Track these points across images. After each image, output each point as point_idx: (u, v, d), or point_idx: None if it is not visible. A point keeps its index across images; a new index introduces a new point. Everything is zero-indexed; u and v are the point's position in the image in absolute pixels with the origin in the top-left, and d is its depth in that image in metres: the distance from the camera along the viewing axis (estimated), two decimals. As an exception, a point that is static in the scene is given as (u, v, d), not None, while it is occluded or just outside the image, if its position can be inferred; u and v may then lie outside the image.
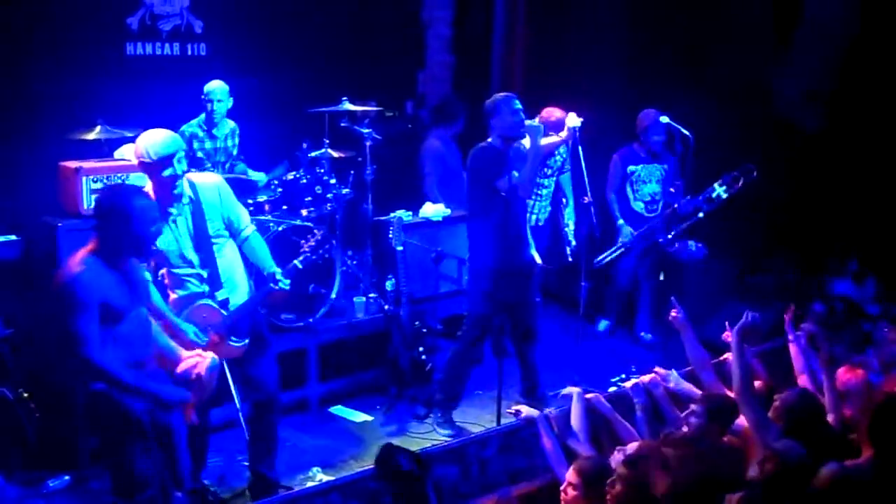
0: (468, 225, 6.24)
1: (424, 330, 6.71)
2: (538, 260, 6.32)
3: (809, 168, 8.12)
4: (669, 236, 7.45)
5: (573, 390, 5.12)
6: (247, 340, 5.12)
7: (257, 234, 5.26)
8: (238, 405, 5.64)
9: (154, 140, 4.82)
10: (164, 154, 4.77)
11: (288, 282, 5.12)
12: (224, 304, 5.03)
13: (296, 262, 5.21)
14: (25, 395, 5.42)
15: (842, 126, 8.07)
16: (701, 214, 7.13)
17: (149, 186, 4.88)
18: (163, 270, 5.04)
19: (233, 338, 5.05)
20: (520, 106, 5.96)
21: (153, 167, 4.80)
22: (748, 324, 5.00)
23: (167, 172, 4.79)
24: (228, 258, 5.11)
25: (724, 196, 7.00)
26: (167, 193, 4.85)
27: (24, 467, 5.42)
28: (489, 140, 6.02)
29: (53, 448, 5.59)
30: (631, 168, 7.78)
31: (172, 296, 5.02)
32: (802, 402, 4.77)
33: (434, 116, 8.61)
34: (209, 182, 5.10)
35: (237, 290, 5.10)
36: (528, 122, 5.92)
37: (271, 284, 5.05)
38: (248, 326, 5.14)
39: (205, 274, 5.01)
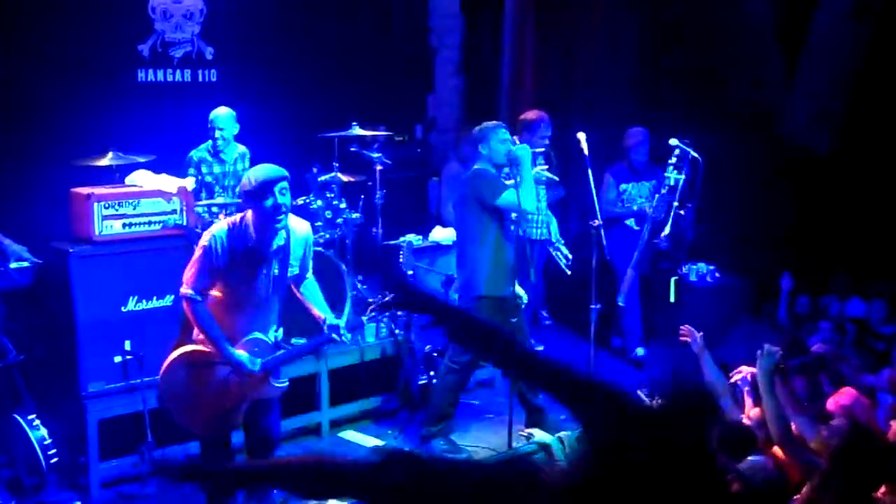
0: (458, 251, 6.26)
1: (435, 354, 6.70)
2: (522, 294, 6.27)
3: (820, 190, 8.11)
4: (663, 234, 7.49)
5: None
6: (287, 382, 5.10)
7: (313, 277, 5.27)
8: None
9: (258, 168, 4.86)
10: (265, 179, 4.76)
11: (350, 336, 5.16)
12: (277, 343, 5.04)
13: (363, 318, 5.22)
14: (38, 420, 5.43)
15: (852, 148, 8.07)
16: (676, 205, 7.19)
17: (249, 217, 4.87)
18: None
19: (274, 379, 5.02)
20: (508, 136, 6.10)
21: (254, 195, 4.79)
22: (774, 361, 4.82)
23: (269, 202, 4.75)
24: (286, 298, 5.13)
25: (682, 177, 7.09)
26: (270, 227, 4.83)
27: (35, 492, 5.41)
28: (477, 167, 6.09)
29: (64, 473, 5.60)
30: (623, 186, 7.94)
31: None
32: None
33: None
34: (301, 230, 5.07)
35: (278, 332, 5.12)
36: (514, 147, 5.98)
37: (334, 335, 5.05)
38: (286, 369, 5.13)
39: (261, 316, 4.99)
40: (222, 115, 7.16)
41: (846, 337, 7.02)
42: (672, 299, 7.17)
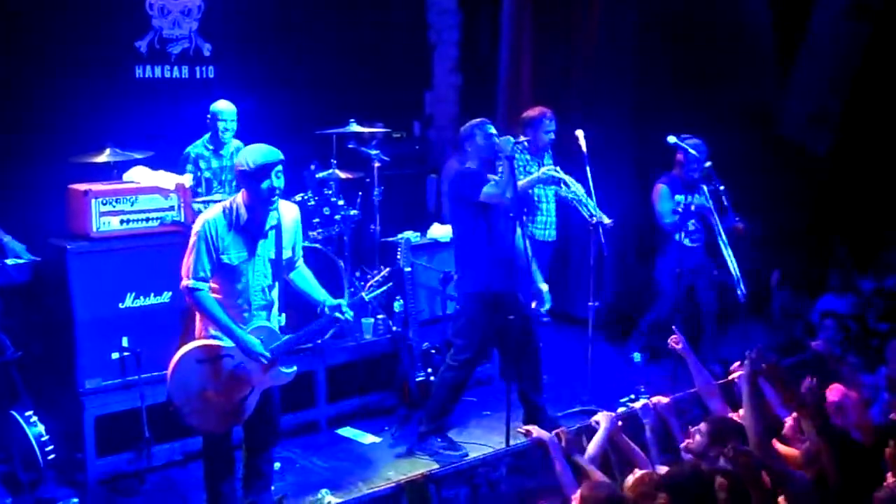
0: (455, 249, 6.26)
1: (433, 351, 6.70)
2: (545, 288, 6.24)
3: (818, 189, 8.13)
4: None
5: (603, 417, 5.08)
6: (295, 368, 5.11)
7: (304, 265, 5.27)
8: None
9: (254, 150, 4.87)
10: (262, 163, 4.78)
11: (352, 314, 5.14)
12: (281, 329, 5.04)
13: (363, 294, 5.23)
14: (35, 417, 5.43)
15: (850, 147, 8.08)
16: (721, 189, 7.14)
17: (240, 199, 4.89)
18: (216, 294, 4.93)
19: (283, 365, 5.03)
20: (494, 130, 6.08)
21: (251, 176, 4.80)
22: (757, 364, 4.86)
23: (265, 184, 4.79)
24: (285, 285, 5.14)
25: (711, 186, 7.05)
26: (263, 208, 4.87)
27: (32, 488, 5.41)
28: (466, 164, 6.08)
29: (61, 469, 5.60)
30: (678, 197, 7.47)
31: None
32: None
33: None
34: (291, 211, 5.11)
35: (281, 316, 5.11)
36: (498, 140, 5.98)
37: (336, 314, 5.04)
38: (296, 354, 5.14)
39: (262, 302, 5.00)
40: (228, 109, 7.21)
41: (850, 334, 7.04)
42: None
